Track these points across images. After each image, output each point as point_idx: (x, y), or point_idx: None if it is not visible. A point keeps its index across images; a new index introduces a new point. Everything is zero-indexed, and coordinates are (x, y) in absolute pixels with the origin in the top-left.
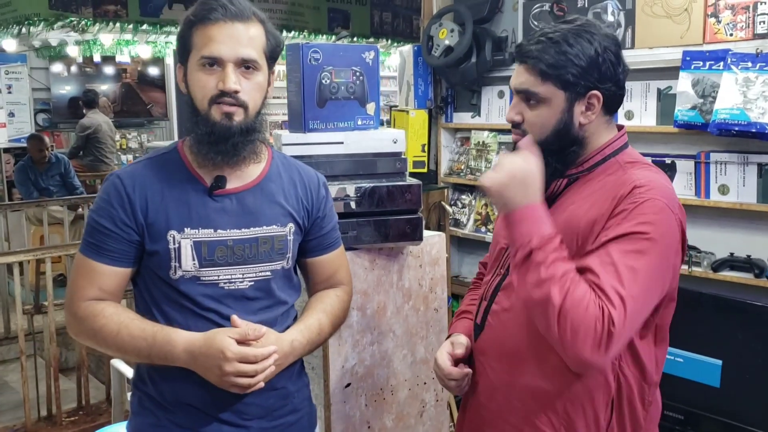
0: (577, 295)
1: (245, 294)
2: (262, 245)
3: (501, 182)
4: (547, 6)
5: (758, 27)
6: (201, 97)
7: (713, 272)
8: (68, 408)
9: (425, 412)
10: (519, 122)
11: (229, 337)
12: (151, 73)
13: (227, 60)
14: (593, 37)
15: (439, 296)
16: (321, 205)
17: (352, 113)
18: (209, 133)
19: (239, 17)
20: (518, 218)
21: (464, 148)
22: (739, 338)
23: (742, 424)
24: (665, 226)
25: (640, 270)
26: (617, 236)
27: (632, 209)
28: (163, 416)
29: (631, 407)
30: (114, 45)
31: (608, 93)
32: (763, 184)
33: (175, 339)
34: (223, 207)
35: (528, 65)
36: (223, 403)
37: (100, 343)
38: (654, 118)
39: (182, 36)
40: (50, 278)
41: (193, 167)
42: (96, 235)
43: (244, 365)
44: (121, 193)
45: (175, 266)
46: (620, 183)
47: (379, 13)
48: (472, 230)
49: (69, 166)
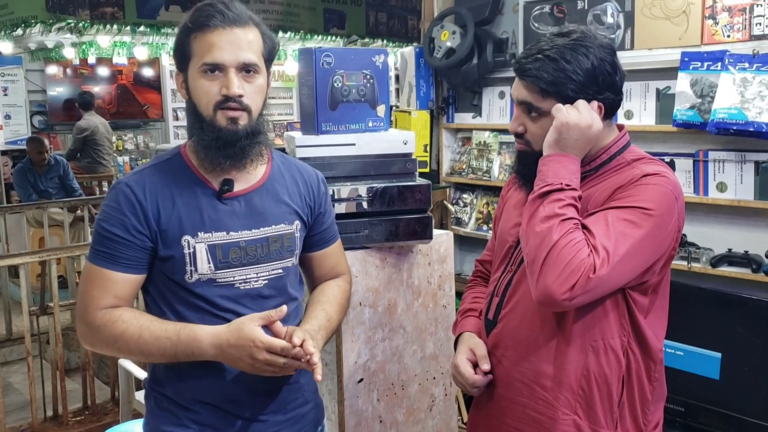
0: (573, 237)
1: (261, 293)
2: (273, 244)
3: (577, 122)
4: (548, 8)
5: (754, 29)
6: (205, 103)
7: (712, 268)
8: (74, 408)
9: (434, 406)
10: (522, 133)
11: (257, 326)
12: (146, 75)
13: (229, 66)
14: (589, 50)
15: (447, 293)
16: (322, 200)
17: (363, 115)
18: (216, 138)
19: (237, 23)
20: (563, 161)
21: (465, 147)
22: (738, 332)
23: (742, 415)
24: (665, 209)
25: (631, 237)
26: (619, 206)
27: (639, 187)
28: (183, 415)
29: (640, 383)
30: (110, 47)
31: (607, 101)
32: (760, 181)
33: (200, 335)
34: (233, 209)
35: (527, 83)
36: (240, 399)
37: (121, 349)
38: (653, 118)
39: (180, 44)
40: (55, 280)
41: (199, 171)
42: (107, 243)
43: (275, 356)
44: (131, 200)
45: (191, 270)
46: (630, 176)
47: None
48: (474, 229)
49: (68, 169)
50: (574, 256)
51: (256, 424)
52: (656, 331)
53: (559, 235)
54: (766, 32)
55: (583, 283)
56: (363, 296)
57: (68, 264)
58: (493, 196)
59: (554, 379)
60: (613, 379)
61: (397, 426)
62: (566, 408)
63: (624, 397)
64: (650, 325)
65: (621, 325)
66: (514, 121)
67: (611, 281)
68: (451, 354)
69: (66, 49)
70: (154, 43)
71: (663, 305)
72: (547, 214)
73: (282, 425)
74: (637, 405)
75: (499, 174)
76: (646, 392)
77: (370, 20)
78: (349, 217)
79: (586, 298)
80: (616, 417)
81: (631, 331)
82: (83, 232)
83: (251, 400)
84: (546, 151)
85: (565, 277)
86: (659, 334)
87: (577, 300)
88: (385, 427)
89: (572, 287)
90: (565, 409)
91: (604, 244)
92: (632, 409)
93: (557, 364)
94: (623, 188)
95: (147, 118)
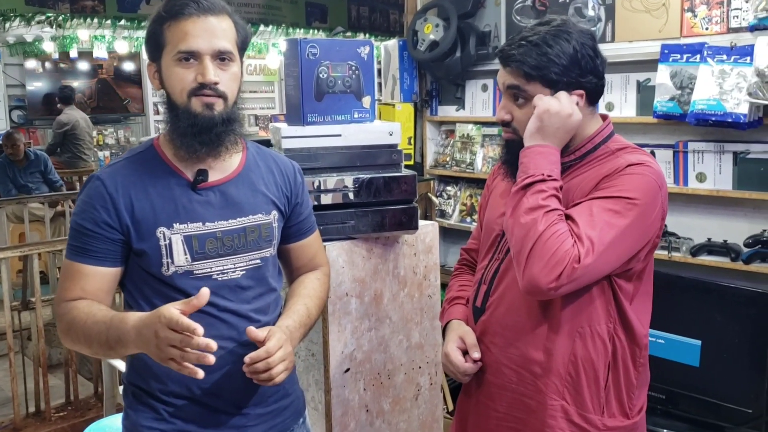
0: (558, 228)
1: (239, 284)
2: (250, 234)
3: (558, 110)
4: (529, 1)
5: (732, 21)
6: (179, 91)
7: (692, 257)
8: (56, 404)
9: (420, 395)
10: (509, 121)
11: (175, 308)
12: (127, 69)
13: (204, 53)
14: (570, 35)
15: (432, 283)
16: (299, 191)
17: (348, 107)
18: (192, 125)
19: (211, 11)
20: (544, 152)
21: (449, 140)
22: (718, 319)
23: (721, 401)
24: (650, 198)
25: (616, 227)
26: (604, 196)
27: (623, 177)
28: (163, 410)
29: (626, 368)
30: (90, 40)
31: (590, 85)
32: (738, 171)
33: (128, 318)
34: (208, 200)
35: (512, 68)
36: (220, 393)
37: (73, 338)
38: (634, 109)
39: (153, 33)
40: (37, 274)
41: (173, 162)
42: (79, 237)
43: (172, 333)
44: (102, 193)
45: (168, 262)
46: (615, 165)
47: (357, 8)
48: (458, 221)
49: (48, 163)
50: (559, 246)
51: (237, 417)
52: (641, 317)
53: (545, 226)
54: (743, 25)
55: (569, 272)
56: (349, 287)
57: (49, 259)
58: (476, 188)
59: (542, 365)
60: (600, 365)
61: (383, 415)
62: (554, 393)
63: (610, 381)
64: (635, 311)
65: (607, 312)
66: (500, 110)
67: (596, 270)
68: (436, 343)
69: (45, 43)
70: (134, 37)
71: (647, 291)
72: (530, 205)
73: (263, 418)
74: (623, 390)
75: (482, 166)
76: (632, 377)
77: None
78: (335, 208)
79: (572, 286)
80: (602, 401)
81: (617, 317)
82: (64, 227)
83: (232, 393)
84: (527, 141)
85: (551, 267)
86: (644, 320)
87: (563, 289)
88: (371, 416)
89: (558, 276)
90: (553, 394)
91: (588, 233)
92: (618, 393)
93: (545, 350)
94: (608, 178)
95: (128, 113)
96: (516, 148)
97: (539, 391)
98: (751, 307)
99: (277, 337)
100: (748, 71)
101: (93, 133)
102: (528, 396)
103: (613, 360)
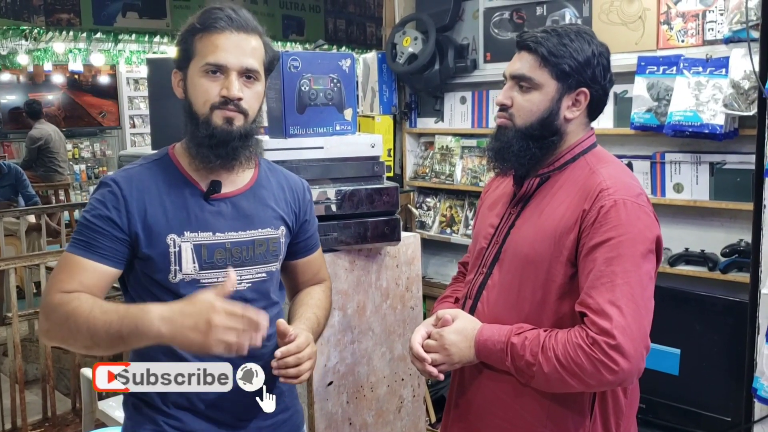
0: (560, 350)
1: (244, 296)
2: (258, 247)
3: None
4: (507, 14)
5: (707, 34)
6: (202, 102)
7: (670, 267)
8: (33, 420)
9: (403, 407)
10: (508, 105)
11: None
12: (103, 82)
13: (231, 68)
14: (592, 40)
15: (414, 295)
16: (307, 208)
17: (330, 119)
18: (210, 136)
19: (244, 28)
20: (481, 348)
21: (428, 152)
22: (696, 328)
23: (700, 410)
24: (634, 223)
25: (625, 272)
26: (595, 245)
27: (602, 216)
28: (163, 421)
29: (614, 395)
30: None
31: (595, 94)
32: (715, 182)
33: (150, 308)
34: (220, 210)
35: (530, 49)
36: (221, 405)
37: (71, 329)
38: (611, 121)
39: (184, 42)
40: (14, 289)
41: (187, 172)
42: (85, 232)
43: (233, 320)
44: (116, 194)
45: (175, 269)
46: (588, 186)
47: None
48: (438, 232)
49: (22, 176)
50: (576, 357)
51: (238, 430)
52: None
53: (555, 361)
54: (718, 37)
55: (614, 352)
56: (333, 299)
57: (25, 274)
58: (456, 199)
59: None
60: (585, 393)
61: (366, 428)
62: (535, 403)
63: (596, 412)
64: None
65: None
66: (502, 94)
67: (641, 318)
68: None
69: (20, 56)
70: (110, 50)
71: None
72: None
73: (263, 431)
74: (611, 418)
75: (461, 178)
76: (621, 405)
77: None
78: (318, 220)
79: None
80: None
81: None
82: (38, 242)
83: (233, 406)
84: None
85: (599, 368)
86: None
87: (631, 356)
88: (354, 429)
89: (611, 363)
90: (534, 404)
91: (609, 299)
92: (605, 423)
93: None
94: (587, 214)
95: (103, 126)
96: (506, 135)
97: (520, 416)
98: (729, 315)
99: (306, 335)
100: (723, 83)
101: (68, 146)
102: (510, 406)
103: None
